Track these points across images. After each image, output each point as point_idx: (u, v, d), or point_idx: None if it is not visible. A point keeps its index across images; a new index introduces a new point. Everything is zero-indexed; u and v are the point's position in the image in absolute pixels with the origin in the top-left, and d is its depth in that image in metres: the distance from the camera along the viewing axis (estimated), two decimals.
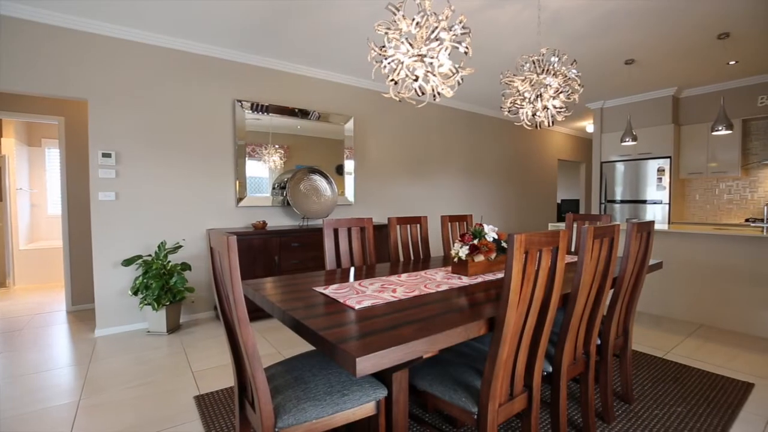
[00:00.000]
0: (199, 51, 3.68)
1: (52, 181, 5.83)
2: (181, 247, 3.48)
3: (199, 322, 3.65)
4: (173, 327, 3.38)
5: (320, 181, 4.32)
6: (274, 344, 3.06)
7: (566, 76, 2.29)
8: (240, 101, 3.90)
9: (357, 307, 1.39)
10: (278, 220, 4.23)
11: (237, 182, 3.94)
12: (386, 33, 1.76)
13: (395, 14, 1.76)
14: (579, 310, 1.61)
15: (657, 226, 3.96)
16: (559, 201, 9.51)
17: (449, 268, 2.16)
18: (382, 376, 1.43)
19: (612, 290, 1.89)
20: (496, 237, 1.98)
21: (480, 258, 1.91)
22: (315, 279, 1.92)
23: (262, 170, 4.09)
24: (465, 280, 1.84)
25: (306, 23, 3.28)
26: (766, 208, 4.01)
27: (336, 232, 2.39)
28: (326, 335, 1.08)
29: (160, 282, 3.19)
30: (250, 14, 3.10)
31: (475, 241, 1.90)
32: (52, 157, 5.84)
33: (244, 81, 3.97)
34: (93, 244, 3.26)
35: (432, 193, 5.68)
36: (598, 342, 1.94)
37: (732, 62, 4.30)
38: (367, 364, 0.95)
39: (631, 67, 4.45)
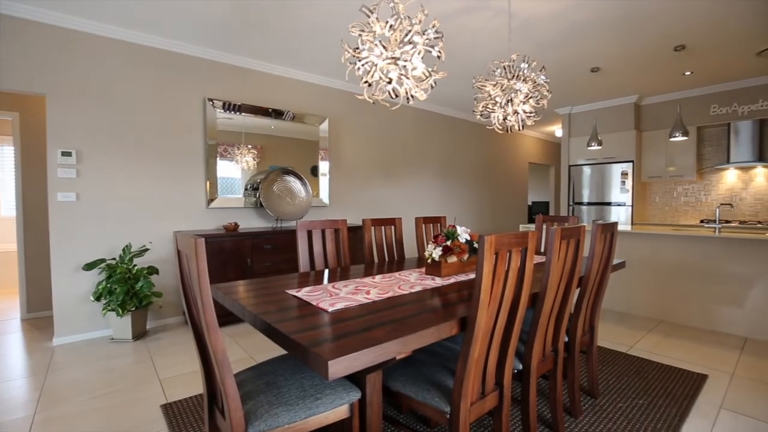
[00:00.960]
0: (168, 47, 3.56)
1: (6, 181, 5.48)
2: (147, 250, 3.35)
3: (168, 327, 3.53)
4: (139, 333, 3.25)
5: (294, 183, 4.26)
6: (246, 349, 2.99)
7: (535, 82, 2.37)
8: (211, 100, 3.80)
9: (330, 309, 1.38)
10: (251, 222, 4.14)
11: (208, 183, 3.83)
12: (360, 35, 1.76)
13: (369, 16, 1.76)
14: (548, 309, 1.67)
15: (620, 227, 4.14)
16: (530, 203, 9.78)
17: (423, 270, 2.18)
18: (356, 379, 1.43)
19: (578, 289, 1.96)
20: (468, 238, 2.02)
21: (453, 259, 1.94)
22: (288, 281, 1.89)
23: (234, 171, 4.00)
24: (438, 281, 1.86)
25: (280, 22, 3.23)
26: (717, 210, 4.27)
27: (310, 233, 2.37)
28: (298, 338, 1.07)
29: (125, 287, 3.06)
30: (223, 11, 3.03)
31: (448, 243, 1.93)
32: (5, 155, 5.50)
33: (215, 79, 3.87)
34: (51, 248, 3.09)
35: (407, 195, 5.72)
36: (566, 339, 2.01)
37: (688, 73, 4.56)
38: (340, 366, 0.95)
39: (597, 75, 4.64)
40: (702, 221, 5.30)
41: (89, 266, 3.08)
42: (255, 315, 1.33)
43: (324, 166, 4.66)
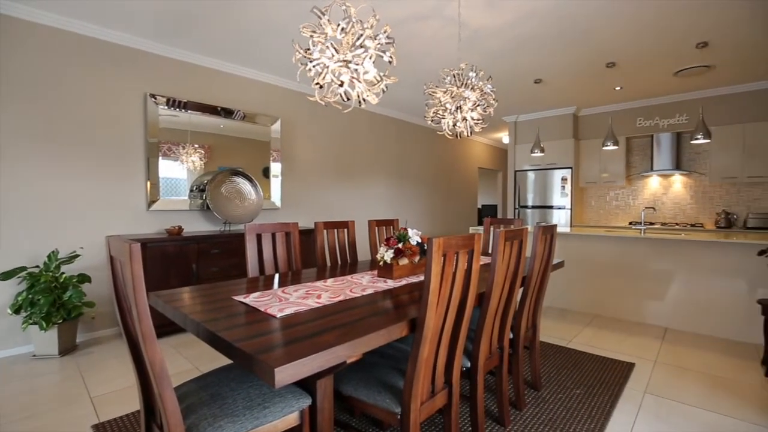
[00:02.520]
0: (105, 37, 3.29)
1: None
2: (78, 256, 3.07)
3: (102, 340, 3.25)
4: (67, 348, 2.96)
5: (244, 184, 4.11)
6: (191, 360, 2.83)
7: (483, 91, 2.47)
8: (154, 96, 3.57)
9: (279, 315, 1.35)
10: (197, 226, 3.94)
11: (148, 183, 3.59)
12: (311, 36, 1.74)
13: (321, 18, 1.75)
14: (493, 308, 1.74)
15: (560, 229, 4.43)
16: (479, 206, 10.18)
17: (375, 272, 2.19)
18: (306, 385, 1.40)
19: (522, 288, 2.07)
20: (419, 240, 2.06)
21: (404, 261, 1.97)
22: (235, 287, 1.82)
23: (179, 171, 3.78)
24: (390, 283, 1.88)
25: (230, 17, 3.12)
26: (643, 213, 4.70)
27: (259, 237, 2.29)
28: (243, 346, 1.03)
29: (51, 297, 2.78)
30: (168, 2, 2.87)
31: (400, 245, 1.96)
32: None
33: (159, 74, 3.64)
34: None
35: (362, 198, 5.73)
36: (511, 336, 2.11)
37: (618, 88, 4.99)
38: (287, 373, 0.93)
39: (540, 86, 4.94)
40: (630, 223, 5.81)
41: (6, 275, 2.76)
42: (198, 323, 1.26)
43: (276, 168, 4.55)
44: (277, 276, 2.13)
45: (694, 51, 3.78)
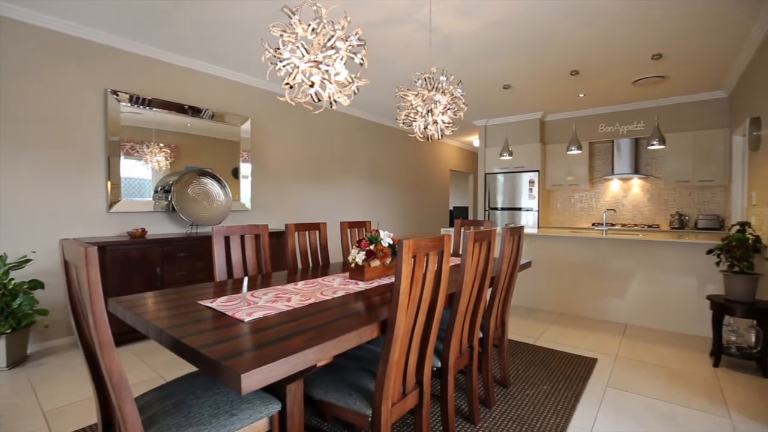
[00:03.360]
0: (62, 29, 3.11)
1: None
2: (29, 261, 2.88)
3: (56, 350, 3.06)
4: (17, 360, 2.77)
5: (212, 185, 4.00)
6: (155, 368, 2.72)
7: (453, 95, 2.52)
8: (115, 92, 3.41)
9: (247, 319, 1.32)
10: (162, 228, 3.79)
11: (109, 184, 3.42)
12: (282, 35, 1.72)
13: (291, 18, 1.73)
14: (463, 308, 1.77)
15: (527, 230, 4.57)
16: (451, 208, 10.34)
17: (347, 274, 2.19)
18: (276, 390, 1.38)
19: (491, 288, 2.12)
20: (391, 242, 2.07)
21: (376, 263, 1.97)
22: (202, 292, 1.77)
23: (143, 171, 3.63)
24: (362, 285, 1.88)
25: (198, 14, 3.02)
26: (604, 214, 4.93)
27: (227, 239, 2.23)
28: (208, 353, 1.00)
29: None
30: None
31: (372, 247, 1.96)
32: None
33: (120, 69, 3.48)
34: None
35: (334, 200, 5.69)
36: (481, 335, 2.15)
37: (581, 95, 5.21)
38: (254, 379, 0.91)
39: (508, 92, 5.09)
40: (593, 224, 6.07)
41: None
42: (161, 330, 1.22)
43: (246, 169, 4.45)
44: (246, 279, 2.08)
45: (650, 62, 4.01)
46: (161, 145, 3.74)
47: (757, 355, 2.65)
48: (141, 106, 3.59)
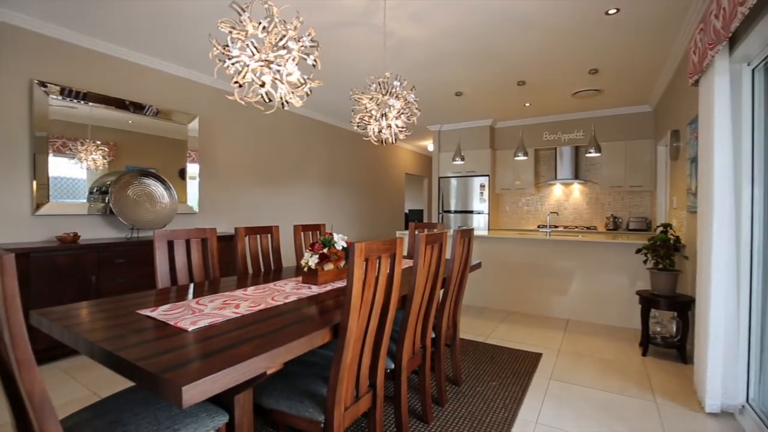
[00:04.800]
0: None
1: None
2: None
3: None
4: None
5: (156, 187, 3.76)
6: (87, 385, 2.50)
7: (407, 100, 2.56)
8: (43, 83, 3.10)
9: (191, 328, 1.25)
10: (98, 232, 3.50)
11: (34, 184, 3.11)
12: (231, 32, 1.66)
13: (241, 15, 1.68)
14: (416, 309, 1.80)
15: (478, 233, 4.74)
16: (407, 211, 10.49)
17: (300, 279, 2.15)
18: (223, 401, 1.32)
19: (442, 289, 2.18)
20: (345, 245, 2.06)
21: (330, 267, 1.95)
22: (142, 300, 1.65)
23: (76, 170, 3.33)
24: (315, 289, 1.85)
25: (142, 3, 2.84)
26: (548, 217, 5.24)
27: (171, 244, 2.11)
28: (146, 365, 0.94)
29: None
30: None
31: (325, 250, 1.94)
32: None
33: (51, 59, 3.18)
34: None
35: (289, 203, 5.57)
36: (433, 335, 2.20)
37: (527, 104, 5.51)
38: (196, 391, 0.86)
39: (460, 99, 5.26)
40: (539, 226, 6.42)
41: None
42: (92, 343, 1.12)
43: (193, 169, 4.23)
44: (191, 286, 1.97)
45: (588, 76, 4.33)
46: (98, 142, 3.46)
47: (677, 343, 2.94)
48: (74, 100, 3.30)
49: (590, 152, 4.65)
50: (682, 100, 3.45)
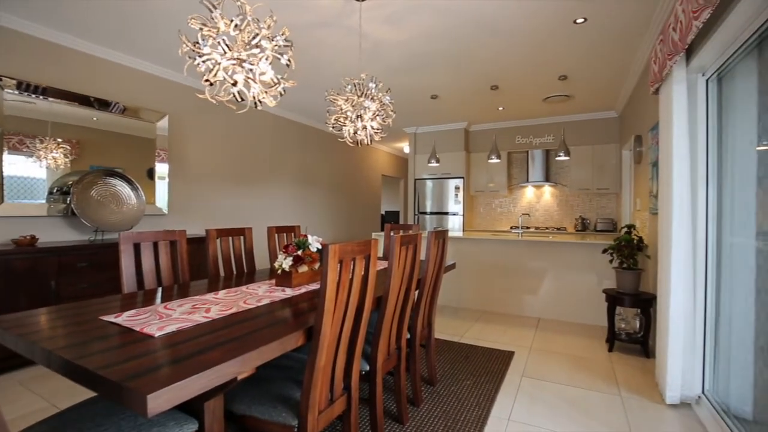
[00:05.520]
0: None
1: None
2: None
3: None
4: None
5: (122, 187, 3.61)
6: (46, 396, 2.37)
7: (382, 102, 2.57)
8: None
9: (158, 334, 1.21)
10: (58, 235, 3.32)
11: None
12: (201, 29, 1.62)
13: (212, 11, 1.64)
14: (391, 310, 1.81)
15: (453, 234, 4.81)
16: (383, 212, 10.51)
17: (274, 281, 2.11)
18: (193, 408, 1.28)
19: (417, 290, 2.19)
20: (320, 247, 2.04)
21: (304, 269, 1.93)
22: (106, 306, 1.58)
23: (34, 169, 3.16)
24: (288, 292, 1.83)
25: None
26: (520, 218, 5.37)
27: (138, 247, 2.03)
28: (108, 374, 0.90)
29: None
30: None
31: (299, 252, 1.92)
32: None
33: (6, 51, 2.99)
34: None
35: (263, 204, 5.47)
36: (408, 336, 2.21)
37: (501, 108, 5.64)
38: (162, 399, 0.83)
39: (436, 102, 5.33)
40: (511, 227, 6.58)
41: None
42: (49, 352, 1.06)
43: (162, 169, 4.09)
44: (159, 290, 1.91)
45: (557, 82, 4.48)
46: (59, 140, 3.29)
47: (641, 339, 3.07)
48: (33, 95, 3.13)
49: (560, 156, 4.81)
50: (645, 107, 3.62)
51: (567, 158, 4.98)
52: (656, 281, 2.63)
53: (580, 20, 3.01)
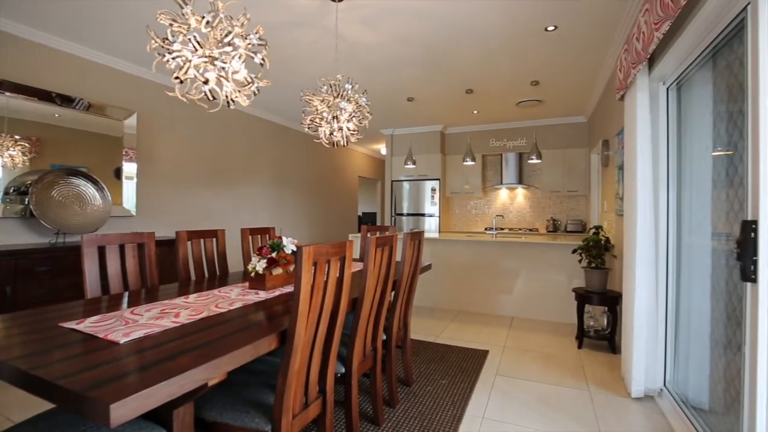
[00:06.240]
0: None
1: None
2: None
3: None
4: None
5: (86, 187, 3.45)
6: (1, 409, 2.23)
7: (358, 103, 2.57)
8: None
9: (123, 340, 1.16)
10: (15, 237, 3.14)
11: None
12: (171, 25, 1.57)
13: (183, 7, 1.60)
14: (366, 312, 1.81)
15: (429, 235, 4.86)
16: (360, 213, 10.50)
17: (247, 284, 2.07)
18: (161, 416, 1.23)
19: (393, 291, 2.20)
20: (295, 249, 2.02)
21: (279, 271, 1.90)
22: (67, 312, 1.51)
23: None
24: (262, 295, 1.80)
25: None
26: (495, 220, 5.49)
27: (103, 250, 1.95)
28: (68, 384, 0.85)
29: None
30: None
31: (274, 254, 1.89)
32: None
33: None
34: None
35: (235, 205, 5.35)
36: (384, 337, 2.22)
37: (475, 112, 5.75)
38: (127, 408, 0.80)
39: (412, 104, 5.37)
40: (486, 229, 6.71)
41: None
42: (1, 363, 1.00)
43: (131, 169, 3.93)
44: (126, 295, 1.83)
45: (530, 87, 4.61)
46: (17, 137, 3.11)
47: (608, 335, 3.19)
48: None
49: (532, 159, 4.95)
50: (611, 112, 3.77)
51: (539, 161, 5.12)
52: (622, 280, 2.74)
53: (551, 28, 3.11)
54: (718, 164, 1.84)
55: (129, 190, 3.93)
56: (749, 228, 1.34)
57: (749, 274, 1.33)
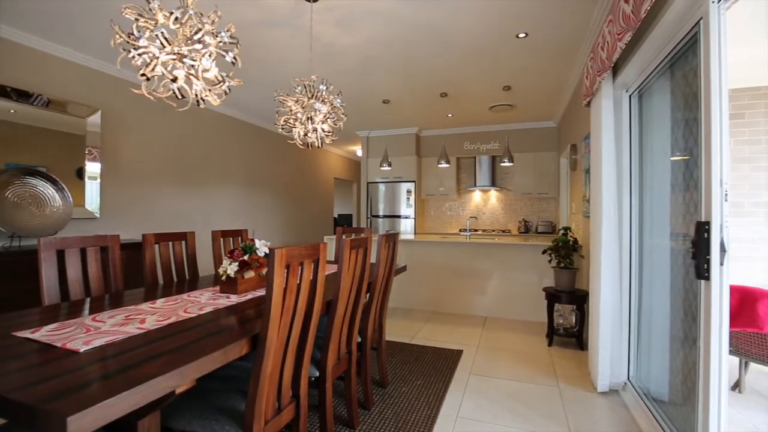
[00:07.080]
0: None
1: None
2: None
3: None
4: None
5: (45, 188, 3.27)
6: None
7: (333, 105, 2.56)
8: None
9: (83, 349, 1.11)
10: None
11: None
12: (137, 20, 1.52)
13: (150, 2, 1.54)
14: (341, 314, 1.80)
15: (404, 236, 4.89)
16: (336, 215, 10.44)
17: (218, 288, 2.02)
18: (125, 427, 1.18)
19: (368, 293, 2.20)
20: (267, 252, 1.98)
21: (251, 274, 1.87)
22: (22, 320, 1.42)
23: None
24: (234, 299, 1.75)
25: None
26: (468, 221, 5.58)
27: (62, 254, 1.85)
28: (20, 396, 0.80)
29: None
30: None
31: (246, 257, 1.85)
32: None
33: None
34: None
35: (209, 207, 5.21)
36: (359, 339, 2.21)
37: (450, 115, 5.83)
38: (87, 420, 0.76)
39: (387, 106, 5.40)
40: (460, 230, 6.81)
41: None
42: None
43: (94, 168, 3.75)
44: (87, 301, 1.75)
45: (502, 92, 4.72)
46: None
47: (576, 333, 3.31)
48: None
49: (504, 162, 5.07)
50: (579, 118, 3.92)
51: (511, 164, 5.26)
52: (589, 279, 2.84)
53: (521, 34, 3.20)
54: (675, 168, 1.95)
55: (92, 191, 3.75)
56: (702, 229, 1.42)
57: (703, 272, 1.41)
